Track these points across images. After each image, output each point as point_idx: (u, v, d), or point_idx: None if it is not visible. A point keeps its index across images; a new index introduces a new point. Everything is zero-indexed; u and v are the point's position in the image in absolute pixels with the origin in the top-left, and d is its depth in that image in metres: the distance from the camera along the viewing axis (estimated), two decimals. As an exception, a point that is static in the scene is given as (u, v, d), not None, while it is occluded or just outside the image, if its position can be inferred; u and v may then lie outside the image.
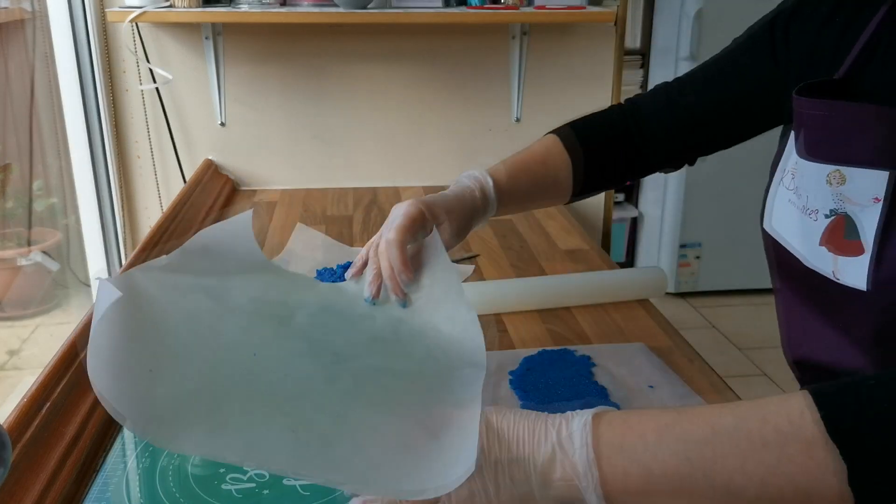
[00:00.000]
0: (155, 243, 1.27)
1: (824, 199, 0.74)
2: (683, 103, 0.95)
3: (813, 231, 0.75)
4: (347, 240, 1.46)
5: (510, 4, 1.70)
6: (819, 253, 0.75)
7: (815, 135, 0.73)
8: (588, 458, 0.52)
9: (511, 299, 1.14)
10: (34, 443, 0.76)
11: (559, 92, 1.88)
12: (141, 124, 1.80)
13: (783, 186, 0.81)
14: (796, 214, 0.78)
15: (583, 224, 1.79)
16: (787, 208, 0.80)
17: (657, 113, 0.97)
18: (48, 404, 0.81)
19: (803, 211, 0.76)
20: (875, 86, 0.73)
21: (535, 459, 0.53)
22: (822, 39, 0.80)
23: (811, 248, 0.76)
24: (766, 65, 0.87)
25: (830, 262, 0.73)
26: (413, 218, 0.77)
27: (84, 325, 0.96)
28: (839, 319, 0.76)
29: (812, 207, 0.75)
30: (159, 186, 1.85)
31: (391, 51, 1.81)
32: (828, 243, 0.73)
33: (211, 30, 1.73)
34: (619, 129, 0.98)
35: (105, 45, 1.74)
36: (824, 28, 0.80)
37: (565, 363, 0.96)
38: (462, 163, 1.91)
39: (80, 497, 0.73)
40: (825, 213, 0.73)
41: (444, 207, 0.82)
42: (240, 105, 1.81)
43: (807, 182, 0.76)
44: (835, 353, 0.77)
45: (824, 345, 0.78)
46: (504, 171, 0.93)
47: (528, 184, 0.94)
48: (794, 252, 0.79)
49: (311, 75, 1.81)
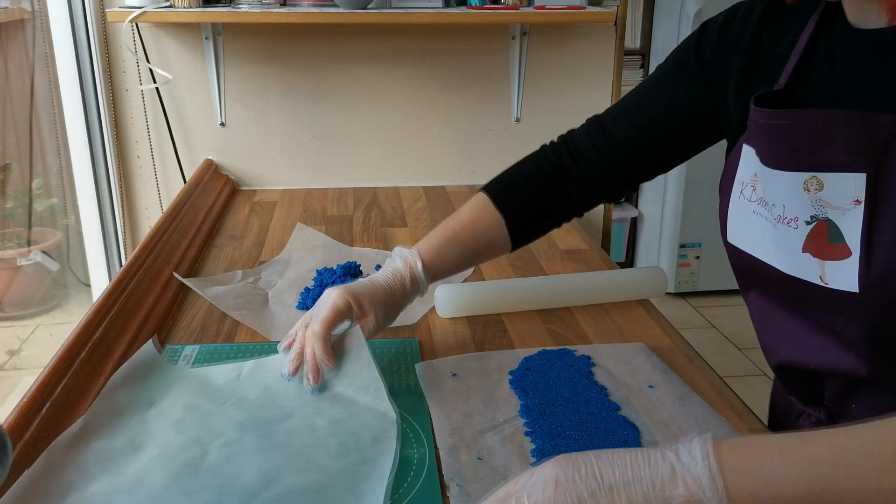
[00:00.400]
0: (155, 243, 1.27)
1: (803, 207, 0.73)
2: (619, 135, 0.95)
3: (792, 239, 0.75)
4: (347, 240, 1.46)
5: (510, 4, 1.71)
6: (802, 260, 0.74)
7: (783, 145, 0.73)
8: (711, 470, 0.52)
9: (511, 299, 1.14)
10: (34, 443, 0.76)
11: (559, 92, 1.88)
12: (141, 124, 1.80)
13: (743, 198, 0.81)
14: (766, 225, 0.78)
15: (583, 224, 1.79)
16: (754, 220, 0.79)
17: (594, 147, 0.97)
18: (48, 404, 0.81)
19: (779, 220, 0.76)
20: (820, 93, 0.74)
21: (652, 479, 0.54)
22: (753, 55, 0.82)
23: (792, 257, 0.75)
24: (698, 86, 0.89)
25: (817, 268, 0.73)
26: (339, 310, 0.86)
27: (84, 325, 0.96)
28: (828, 323, 0.75)
29: (789, 216, 0.74)
30: (159, 186, 1.85)
31: (391, 51, 1.81)
32: (811, 249, 0.73)
33: (211, 30, 1.73)
34: (554, 171, 0.99)
35: (105, 45, 1.74)
36: (753, 45, 0.82)
37: (565, 363, 0.96)
38: (462, 163, 1.91)
39: (80, 497, 0.73)
40: (805, 219, 0.73)
41: (371, 299, 0.88)
42: (240, 105, 1.81)
43: (778, 192, 0.75)
44: (823, 356, 0.77)
45: (809, 349, 0.78)
46: (433, 246, 0.95)
47: (458, 254, 0.96)
48: (769, 262, 0.78)
49: (311, 75, 1.81)
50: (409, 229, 1.54)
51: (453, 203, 1.73)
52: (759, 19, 0.82)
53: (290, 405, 0.86)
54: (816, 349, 0.77)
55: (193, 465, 0.74)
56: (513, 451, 0.79)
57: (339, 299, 0.86)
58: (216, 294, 1.17)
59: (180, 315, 1.13)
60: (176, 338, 1.06)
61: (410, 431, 0.83)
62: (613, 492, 0.54)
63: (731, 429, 0.83)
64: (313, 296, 1.15)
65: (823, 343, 0.76)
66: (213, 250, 1.41)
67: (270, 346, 1.02)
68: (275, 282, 1.24)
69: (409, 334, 1.07)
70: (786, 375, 0.87)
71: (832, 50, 0.75)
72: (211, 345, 1.03)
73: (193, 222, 1.46)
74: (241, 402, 0.86)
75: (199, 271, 1.31)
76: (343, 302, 0.86)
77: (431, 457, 0.78)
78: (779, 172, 0.74)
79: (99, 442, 0.78)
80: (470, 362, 0.97)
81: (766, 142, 0.76)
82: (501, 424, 0.83)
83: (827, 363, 0.77)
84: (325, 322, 0.85)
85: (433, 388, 0.91)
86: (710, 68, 0.87)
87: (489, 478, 0.74)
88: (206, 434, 0.79)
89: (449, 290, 1.12)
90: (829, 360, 0.76)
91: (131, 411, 0.84)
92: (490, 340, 1.05)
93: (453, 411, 0.86)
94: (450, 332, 1.07)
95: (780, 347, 0.82)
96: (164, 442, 0.78)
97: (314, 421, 0.83)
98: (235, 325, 1.09)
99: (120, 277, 1.11)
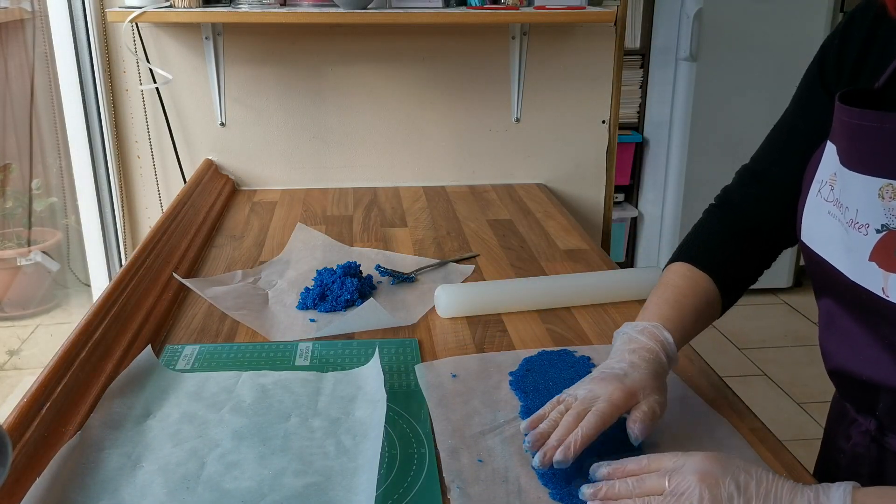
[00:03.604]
0: (155, 243, 1.27)
1: (875, 213, 0.70)
2: (776, 179, 0.89)
3: (861, 246, 0.71)
4: (347, 240, 1.46)
5: (510, 4, 1.70)
6: (867, 269, 0.71)
7: (863, 146, 0.70)
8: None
9: (511, 299, 1.14)
10: (34, 443, 0.76)
11: (559, 92, 1.88)
12: (141, 124, 1.80)
13: (820, 197, 0.78)
14: (839, 228, 0.75)
15: (583, 224, 1.79)
16: (827, 221, 0.77)
17: (756, 199, 0.91)
18: (48, 404, 0.81)
19: (850, 225, 0.73)
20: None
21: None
22: (867, 55, 0.78)
23: (858, 264, 0.73)
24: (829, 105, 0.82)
25: (880, 279, 0.70)
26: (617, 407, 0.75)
27: (84, 325, 0.96)
28: (888, 336, 0.73)
29: (862, 222, 0.71)
30: (159, 186, 1.85)
31: (391, 51, 1.81)
32: (878, 258, 0.70)
33: (211, 30, 1.73)
34: (732, 229, 0.93)
35: (105, 45, 1.74)
36: (868, 44, 0.78)
37: (565, 364, 0.96)
38: (462, 163, 1.91)
39: (80, 497, 0.73)
40: (876, 227, 0.70)
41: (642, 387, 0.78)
42: (240, 105, 1.81)
43: (853, 195, 0.72)
44: (878, 368, 0.75)
45: (865, 359, 0.76)
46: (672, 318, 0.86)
47: (695, 321, 0.87)
48: (837, 266, 0.76)
49: (311, 75, 1.81)
50: (409, 229, 1.54)
51: (453, 203, 1.73)
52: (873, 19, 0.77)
53: (288, 407, 0.86)
54: (872, 360, 0.75)
55: (191, 480, 0.74)
56: (513, 452, 0.79)
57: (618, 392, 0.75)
58: (216, 294, 1.17)
59: (180, 315, 1.13)
60: (176, 338, 1.06)
61: (410, 432, 0.83)
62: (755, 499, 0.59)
63: (732, 429, 0.83)
64: (313, 296, 1.15)
65: (879, 355, 0.74)
66: (213, 250, 1.41)
67: (270, 346, 1.02)
68: (275, 282, 1.24)
69: (409, 334, 1.07)
70: (840, 382, 0.84)
71: None
72: (211, 345, 1.03)
73: (193, 222, 1.46)
74: (238, 406, 0.86)
75: (199, 271, 1.31)
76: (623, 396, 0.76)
77: (431, 458, 0.78)
78: (856, 175, 0.71)
79: (97, 457, 0.77)
80: (470, 363, 0.97)
81: (847, 140, 0.73)
82: (502, 426, 0.83)
83: (880, 376, 0.75)
84: (603, 417, 0.74)
85: (433, 389, 0.91)
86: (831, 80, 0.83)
87: (490, 479, 0.74)
88: (203, 446, 0.79)
89: (449, 290, 1.12)
90: (883, 373, 0.74)
91: (129, 423, 0.84)
92: (490, 341, 1.05)
93: (453, 412, 0.86)
94: (450, 333, 1.07)
95: (837, 353, 0.80)
96: (162, 456, 0.78)
97: (311, 422, 0.83)
98: (235, 325, 1.09)
99: (120, 277, 1.11)
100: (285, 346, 1.03)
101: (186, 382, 0.92)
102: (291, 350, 1.01)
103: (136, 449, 0.79)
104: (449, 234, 1.50)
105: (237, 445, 0.79)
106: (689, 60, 2.91)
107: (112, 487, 0.73)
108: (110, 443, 0.80)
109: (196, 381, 0.92)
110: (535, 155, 1.92)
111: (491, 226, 1.56)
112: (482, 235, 1.50)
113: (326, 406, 0.87)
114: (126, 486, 0.73)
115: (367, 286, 1.20)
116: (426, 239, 1.47)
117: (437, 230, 1.53)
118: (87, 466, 0.76)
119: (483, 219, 1.61)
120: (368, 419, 0.83)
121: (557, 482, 0.73)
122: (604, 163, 1.95)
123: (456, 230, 1.53)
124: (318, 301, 1.14)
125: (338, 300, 1.14)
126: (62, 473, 0.73)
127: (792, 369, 2.70)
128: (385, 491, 0.73)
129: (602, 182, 1.97)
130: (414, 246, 1.43)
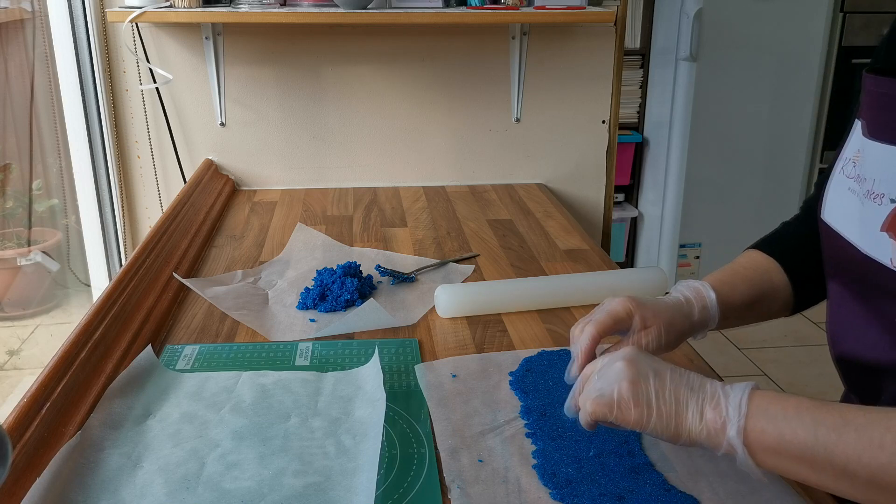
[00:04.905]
0: (155, 243, 1.27)
1: (892, 183, 0.70)
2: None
3: (874, 216, 0.72)
4: (347, 240, 1.46)
5: (510, 4, 1.70)
6: (878, 239, 0.72)
7: (886, 115, 0.71)
8: (741, 401, 0.64)
9: (511, 299, 1.14)
10: (34, 443, 0.76)
11: (559, 92, 1.88)
12: (141, 124, 1.80)
13: (843, 175, 0.78)
14: (856, 201, 0.75)
15: (583, 224, 1.79)
16: (846, 196, 0.77)
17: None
18: (48, 404, 0.81)
19: (867, 195, 0.73)
20: None
21: (700, 392, 0.66)
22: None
23: (869, 234, 0.73)
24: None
25: (889, 249, 0.71)
26: (617, 317, 0.79)
27: (84, 325, 0.96)
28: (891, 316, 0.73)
29: (878, 192, 0.72)
30: (159, 186, 1.84)
31: (391, 51, 1.81)
32: (889, 229, 0.71)
33: (211, 30, 1.73)
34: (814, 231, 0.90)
35: (105, 45, 1.74)
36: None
37: (565, 364, 0.95)
38: (462, 163, 1.91)
39: (80, 497, 0.73)
40: (892, 197, 0.70)
41: (656, 312, 0.80)
42: (240, 105, 1.81)
43: (872, 166, 0.73)
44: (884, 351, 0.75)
45: (871, 342, 0.76)
46: (719, 279, 0.88)
47: (746, 290, 0.88)
48: (850, 239, 0.76)
49: (311, 75, 1.81)
50: (409, 229, 1.54)
51: (453, 203, 1.73)
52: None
53: (288, 407, 0.86)
54: (879, 343, 0.76)
55: (191, 480, 0.74)
56: (513, 452, 0.79)
57: (619, 305, 0.79)
58: (216, 294, 1.17)
59: (180, 315, 1.13)
60: (176, 338, 1.06)
61: (410, 432, 0.83)
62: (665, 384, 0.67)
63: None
64: (313, 296, 1.15)
65: (882, 337, 0.75)
66: (213, 250, 1.41)
67: (270, 346, 1.02)
68: (275, 282, 1.24)
69: (409, 334, 1.07)
70: (846, 369, 0.84)
71: None
72: (211, 345, 1.03)
73: (193, 222, 1.46)
74: (238, 406, 0.86)
75: (199, 271, 1.31)
76: (623, 309, 0.79)
77: (431, 458, 0.78)
78: (877, 144, 0.72)
79: (97, 457, 0.77)
80: (470, 363, 0.97)
81: (873, 110, 0.73)
82: (502, 426, 0.83)
83: (886, 358, 0.75)
84: (599, 325, 0.77)
85: (433, 390, 0.91)
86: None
87: (490, 479, 0.74)
88: (203, 446, 0.79)
89: (449, 290, 1.12)
90: (886, 355, 0.75)
91: (129, 423, 0.84)
92: (490, 341, 1.05)
93: (453, 413, 0.86)
94: (450, 333, 1.07)
95: (844, 338, 0.81)
96: (162, 456, 0.78)
97: (311, 422, 0.83)
98: (235, 325, 1.09)
99: (120, 277, 1.11)
100: (285, 346, 1.03)
101: (186, 382, 0.92)
102: (291, 350, 1.01)
103: (136, 449, 0.79)
104: (449, 234, 1.50)
105: (237, 445, 0.79)
106: (689, 60, 2.91)
107: (112, 487, 0.73)
108: (110, 443, 0.80)
109: (196, 381, 0.92)
110: (535, 155, 1.92)
111: (491, 226, 1.56)
112: (482, 235, 1.50)
113: (326, 406, 0.87)
114: (126, 486, 0.73)
115: (367, 286, 1.20)
116: (426, 239, 1.47)
117: (437, 230, 1.53)
118: (87, 466, 0.76)
119: (483, 219, 1.61)
120: (368, 419, 0.83)
121: (558, 482, 0.73)
122: (604, 163, 1.95)
123: (456, 230, 1.53)
124: (318, 301, 1.14)
125: (338, 300, 1.14)
126: (62, 473, 0.73)
127: (792, 369, 2.70)
128: (385, 491, 0.73)
129: (602, 182, 1.97)
130: (414, 246, 1.43)
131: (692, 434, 0.65)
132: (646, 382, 0.67)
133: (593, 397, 0.68)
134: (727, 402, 0.65)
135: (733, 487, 0.73)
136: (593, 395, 0.68)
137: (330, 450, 0.79)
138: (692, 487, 0.74)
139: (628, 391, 0.66)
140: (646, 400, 0.66)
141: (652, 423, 0.66)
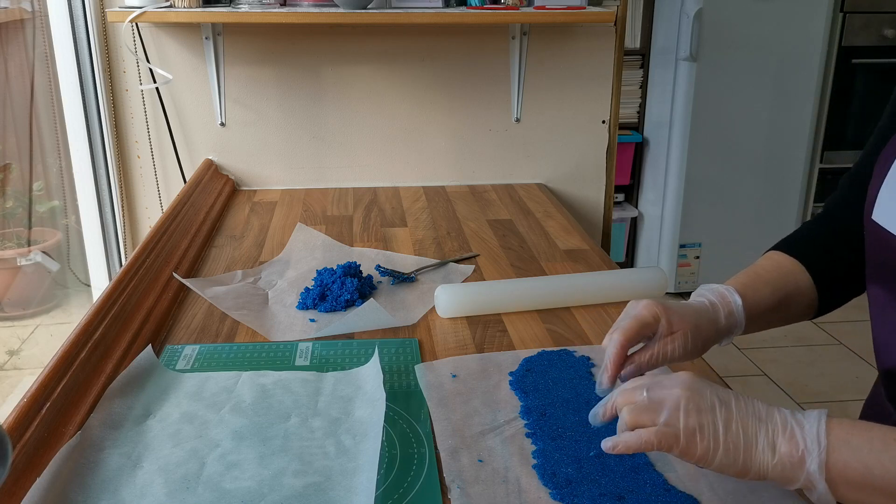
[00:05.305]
0: (155, 243, 1.27)
1: None
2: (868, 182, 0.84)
3: None
4: (347, 240, 1.46)
5: (510, 4, 1.70)
6: None
7: None
8: (819, 431, 0.60)
9: (511, 299, 1.14)
10: (34, 443, 0.76)
11: (559, 92, 1.88)
12: (141, 124, 1.80)
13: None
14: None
15: (583, 224, 1.79)
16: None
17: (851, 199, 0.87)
18: (48, 404, 0.81)
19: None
20: None
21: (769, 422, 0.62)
22: None
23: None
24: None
25: None
26: (644, 323, 0.77)
27: (84, 325, 0.96)
28: None
29: None
30: (159, 186, 1.84)
31: (391, 51, 1.81)
32: None
33: (211, 30, 1.73)
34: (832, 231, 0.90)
35: (105, 45, 1.74)
36: None
37: (565, 364, 0.96)
38: (462, 163, 1.91)
39: (80, 497, 0.73)
40: None
41: (682, 316, 0.79)
42: (240, 105, 1.81)
43: None
44: None
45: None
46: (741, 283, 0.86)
47: (771, 293, 0.85)
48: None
49: (311, 75, 1.81)
50: (409, 229, 1.54)
51: (453, 203, 1.73)
52: None
53: (288, 407, 0.86)
54: None
55: (191, 480, 0.74)
56: (514, 452, 0.79)
57: (646, 310, 0.77)
58: (216, 294, 1.17)
59: (180, 315, 1.13)
60: (176, 338, 1.06)
61: (410, 432, 0.83)
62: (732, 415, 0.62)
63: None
64: (313, 296, 1.15)
65: None
66: (213, 250, 1.41)
67: (270, 347, 1.02)
68: (275, 282, 1.24)
69: (409, 334, 1.07)
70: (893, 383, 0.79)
71: None
72: (211, 345, 1.03)
73: (193, 222, 1.46)
74: (238, 406, 0.86)
75: (199, 271, 1.31)
76: (650, 313, 0.77)
77: (431, 458, 0.78)
78: None
79: (97, 457, 0.77)
80: (470, 363, 0.97)
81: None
82: (502, 426, 0.83)
83: None
84: (626, 332, 0.76)
85: (433, 390, 0.91)
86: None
87: (490, 479, 0.74)
88: (203, 446, 0.80)
89: (449, 290, 1.12)
90: None
91: (129, 423, 0.84)
92: (490, 341, 1.05)
93: (453, 413, 0.86)
94: (450, 333, 1.07)
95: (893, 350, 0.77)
96: (162, 456, 0.78)
97: (311, 422, 0.83)
98: (235, 325, 1.09)
99: (120, 277, 1.11)
100: (285, 346, 1.03)
101: (186, 382, 0.92)
102: (291, 350, 1.01)
103: (136, 449, 0.79)
104: (449, 234, 1.50)
105: (237, 445, 0.79)
106: (689, 60, 2.91)
107: (112, 487, 0.73)
108: (110, 443, 0.80)
109: (196, 381, 0.92)
110: (535, 155, 1.92)
111: (491, 226, 1.56)
112: (482, 235, 1.50)
113: (326, 406, 0.87)
114: (126, 486, 0.73)
115: (367, 286, 1.20)
116: (426, 239, 1.47)
117: (437, 230, 1.53)
118: (87, 466, 0.76)
119: (483, 219, 1.61)
120: (368, 419, 0.83)
121: (558, 482, 0.73)
122: (604, 163, 1.95)
123: (456, 230, 1.53)
124: (318, 301, 1.14)
125: (338, 300, 1.14)
126: (62, 473, 0.73)
127: (792, 369, 2.70)
128: (385, 491, 0.73)
129: (602, 182, 1.97)
130: (414, 246, 1.43)
131: (762, 468, 0.61)
132: (712, 414, 0.63)
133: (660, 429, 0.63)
134: (803, 433, 0.61)
135: (733, 487, 0.73)
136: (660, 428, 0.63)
137: (330, 450, 0.79)
138: (692, 487, 0.74)
139: (695, 423, 0.62)
140: (712, 433, 0.62)
141: (718, 458, 0.62)
